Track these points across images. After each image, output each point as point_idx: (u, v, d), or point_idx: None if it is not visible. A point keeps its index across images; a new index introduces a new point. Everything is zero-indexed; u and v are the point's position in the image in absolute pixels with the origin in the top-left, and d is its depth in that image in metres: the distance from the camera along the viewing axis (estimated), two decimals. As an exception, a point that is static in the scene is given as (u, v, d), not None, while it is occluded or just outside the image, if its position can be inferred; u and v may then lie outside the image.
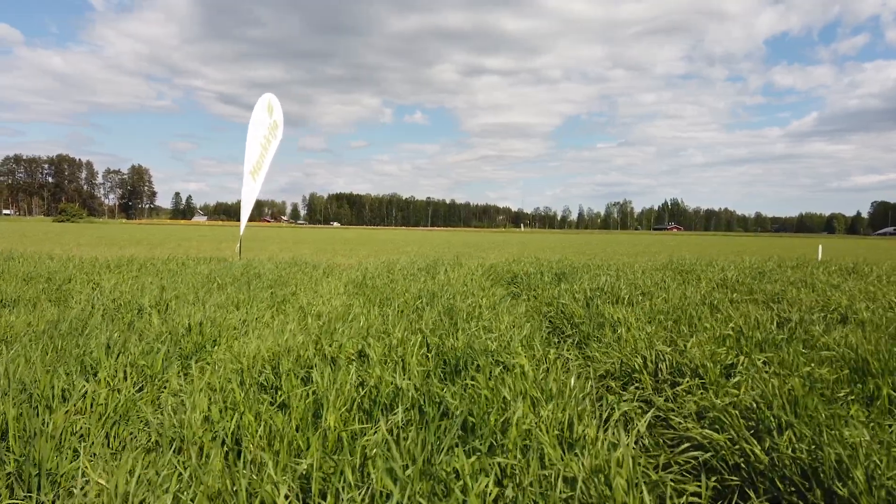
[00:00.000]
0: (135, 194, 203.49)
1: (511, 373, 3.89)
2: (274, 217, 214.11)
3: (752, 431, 3.13)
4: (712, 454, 3.06)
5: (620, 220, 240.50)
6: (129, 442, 3.20)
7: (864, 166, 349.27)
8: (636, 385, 4.24)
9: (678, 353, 4.60)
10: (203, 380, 3.72)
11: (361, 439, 2.84)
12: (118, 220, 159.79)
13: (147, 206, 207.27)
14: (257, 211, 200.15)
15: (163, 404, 3.62)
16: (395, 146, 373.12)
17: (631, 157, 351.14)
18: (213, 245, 25.69)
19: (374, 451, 2.60)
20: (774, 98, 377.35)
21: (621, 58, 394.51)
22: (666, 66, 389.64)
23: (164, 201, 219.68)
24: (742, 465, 2.95)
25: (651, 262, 15.50)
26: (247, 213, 16.17)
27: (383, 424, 2.89)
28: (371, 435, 2.89)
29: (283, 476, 2.49)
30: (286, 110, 17.39)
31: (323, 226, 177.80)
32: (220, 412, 3.27)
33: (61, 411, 3.29)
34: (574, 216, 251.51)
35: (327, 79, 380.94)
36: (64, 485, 2.78)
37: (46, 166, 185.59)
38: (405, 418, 3.21)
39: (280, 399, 3.58)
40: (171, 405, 3.51)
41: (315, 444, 2.79)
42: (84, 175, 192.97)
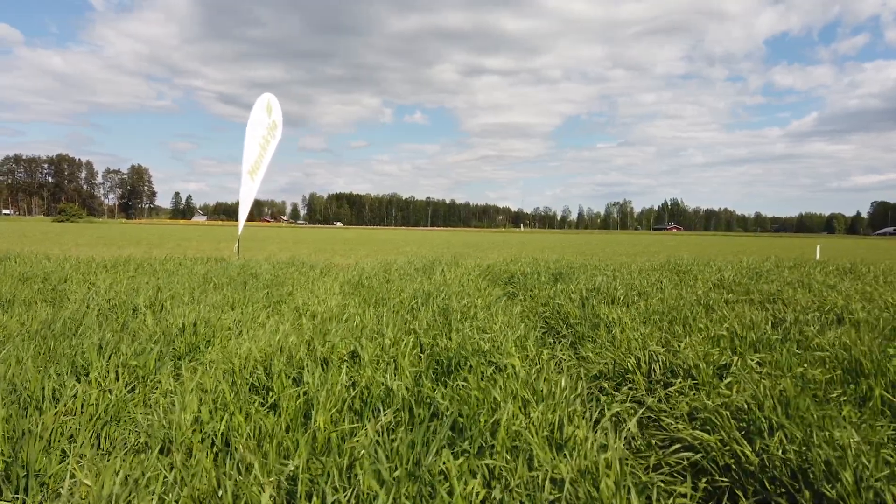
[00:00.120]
0: (134, 194, 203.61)
1: (503, 373, 3.88)
2: (274, 217, 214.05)
3: (743, 432, 3.13)
4: (703, 455, 3.05)
5: (620, 220, 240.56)
6: (119, 443, 3.20)
7: (864, 166, 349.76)
8: (629, 386, 4.24)
9: (672, 353, 4.59)
10: (194, 380, 3.72)
11: (351, 440, 2.83)
12: (118, 219, 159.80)
13: (147, 206, 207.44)
14: (257, 211, 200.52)
15: (153, 405, 3.62)
16: (395, 146, 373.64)
17: (631, 157, 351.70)
18: (212, 245, 25.69)
19: (362, 453, 2.59)
20: (774, 98, 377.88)
21: (621, 58, 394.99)
22: (666, 66, 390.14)
23: (164, 201, 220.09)
24: (733, 466, 2.95)
25: (649, 262, 15.49)
26: (245, 212, 16.17)
27: (370, 426, 2.88)
28: (361, 436, 2.88)
29: (270, 478, 2.48)
30: (286, 110, 17.43)
31: (325, 226, 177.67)
32: (209, 413, 3.26)
33: (51, 412, 3.28)
34: (574, 216, 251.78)
35: (327, 79, 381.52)
36: (52, 486, 2.78)
37: (46, 166, 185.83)
38: (396, 419, 3.20)
39: (271, 400, 3.58)
40: (162, 406, 3.50)
41: (303, 446, 2.78)
42: (84, 175, 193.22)
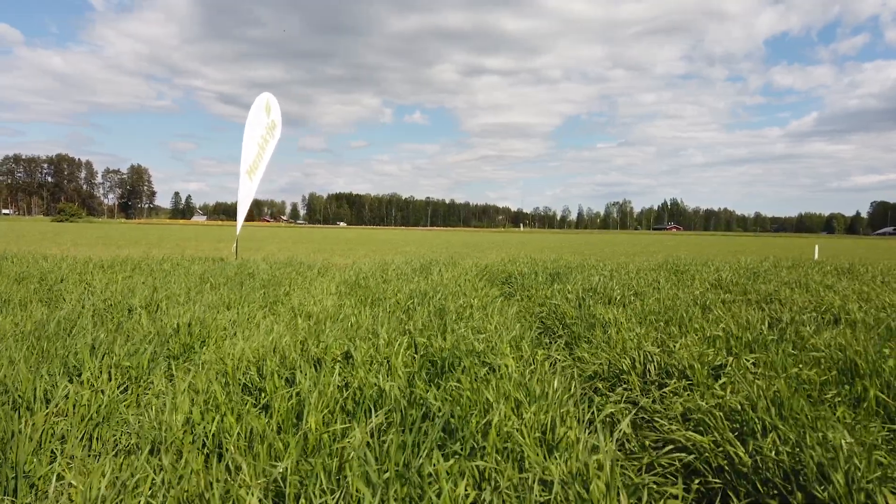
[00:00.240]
0: (134, 194, 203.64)
1: (496, 374, 3.87)
2: (273, 217, 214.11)
3: (736, 434, 3.12)
4: (696, 457, 3.04)
5: (620, 220, 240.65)
6: (110, 444, 3.18)
7: (864, 166, 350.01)
8: (624, 386, 4.22)
9: (667, 354, 4.57)
10: (186, 381, 3.70)
11: (342, 441, 2.82)
12: (117, 219, 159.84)
13: (146, 205, 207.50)
14: (257, 211, 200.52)
15: (145, 406, 3.60)
16: (395, 146, 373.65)
17: (631, 157, 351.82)
18: (211, 245, 25.68)
19: (351, 455, 2.57)
20: (774, 98, 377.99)
21: (621, 58, 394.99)
22: (666, 66, 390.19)
23: (164, 201, 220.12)
24: (726, 467, 2.93)
25: (647, 262, 15.48)
26: (243, 212, 16.15)
27: (359, 428, 2.86)
28: (351, 438, 2.87)
29: (259, 480, 2.47)
30: (286, 110, 17.43)
31: (326, 226, 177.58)
32: (201, 414, 3.24)
33: (42, 413, 3.26)
34: (574, 216, 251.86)
35: (327, 79, 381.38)
36: (42, 488, 2.76)
37: (46, 166, 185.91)
38: (387, 420, 3.18)
39: (263, 400, 3.56)
40: (154, 407, 3.48)
41: (294, 447, 2.77)
42: (83, 175, 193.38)
